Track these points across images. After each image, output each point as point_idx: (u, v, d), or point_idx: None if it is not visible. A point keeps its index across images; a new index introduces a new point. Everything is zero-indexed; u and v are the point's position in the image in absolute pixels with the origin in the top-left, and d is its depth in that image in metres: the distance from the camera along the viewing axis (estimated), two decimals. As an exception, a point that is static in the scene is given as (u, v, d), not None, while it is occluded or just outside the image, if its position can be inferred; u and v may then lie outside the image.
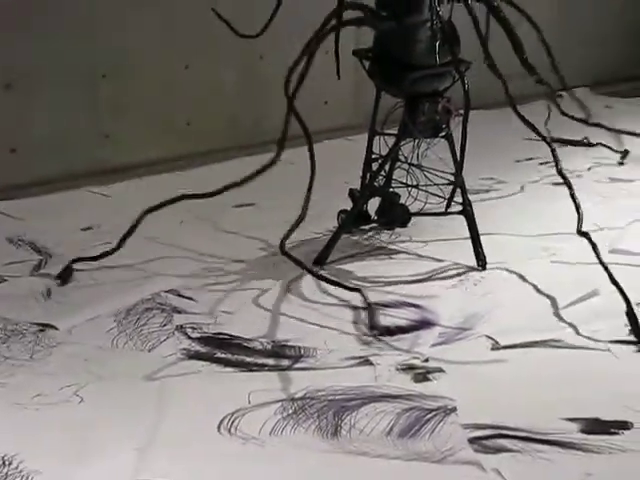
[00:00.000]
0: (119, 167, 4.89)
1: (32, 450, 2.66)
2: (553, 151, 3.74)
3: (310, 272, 3.73)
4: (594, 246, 3.58)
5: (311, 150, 3.71)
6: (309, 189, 3.71)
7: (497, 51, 3.72)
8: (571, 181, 3.72)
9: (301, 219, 3.72)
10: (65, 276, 3.81)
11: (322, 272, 3.91)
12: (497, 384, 3.10)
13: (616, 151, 5.24)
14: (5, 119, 4.90)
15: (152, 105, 5.45)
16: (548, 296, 3.73)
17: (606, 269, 3.53)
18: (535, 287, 3.82)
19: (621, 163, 5.28)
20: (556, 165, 3.73)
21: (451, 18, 4.00)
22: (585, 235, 3.61)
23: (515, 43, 3.73)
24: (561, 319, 3.54)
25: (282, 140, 3.68)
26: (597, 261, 3.54)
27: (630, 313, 3.42)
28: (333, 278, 3.72)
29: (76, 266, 3.91)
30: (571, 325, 3.48)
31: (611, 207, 4.68)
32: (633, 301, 3.46)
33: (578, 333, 3.42)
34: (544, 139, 3.77)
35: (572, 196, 3.66)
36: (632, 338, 3.37)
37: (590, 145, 4.77)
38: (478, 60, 3.80)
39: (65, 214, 4.05)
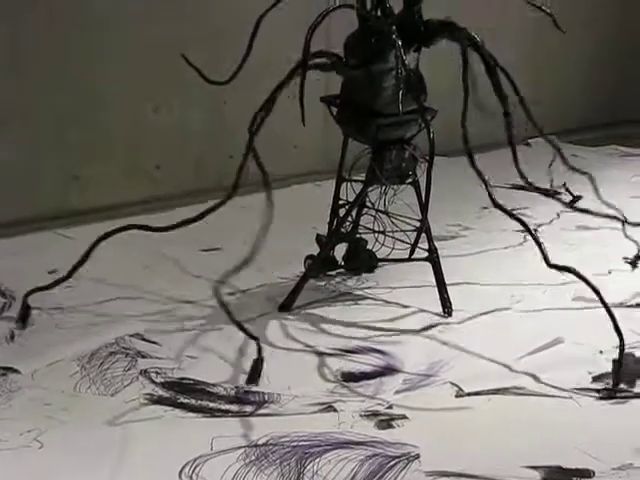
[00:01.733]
0: (87, 210, 4.88)
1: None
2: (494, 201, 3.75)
3: (227, 311, 3.58)
4: (573, 271, 3.61)
5: (268, 191, 3.59)
6: (262, 231, 3.58)
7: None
8: (538, 229, 3.75)
9: (246, 262, 3.62)
10: (24, 316, 3.79)
11: (289, 318, 3.92)
12: (461, 431, 3.11)
13: (573, 196, 5.25)
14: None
15: (121, 148, 5.47)
16: (513, 343, 3.74)
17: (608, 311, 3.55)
18: (500, 335, 3.84)
19: (572, 205, 5.26)
20: (492, 200, 3.71)
21: (418, 67, 4.04)
22: (555, 267, 3.62)
23: (498, 89, 3.75)
24: (525, 367, 3.55)
25: (238, 178, 3.65)
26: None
27: (618, 361, 3.45)
28: (237, 320, 3.57)
29: (40, 311, 3.90)
30: (534, 373, 3.49)
31: (574, 256, 4.70)
32: (592, 349, 3.50)
33: (541, 381, 3.43)
34: (487, 187, 3.77)
35: (533, 237, 3.65)
36: (594, 386, 3.39)
37: (554, 193, 4.78)
38: (443, 109, 3.84)
39: (31, 256, 4.03)
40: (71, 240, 4.00)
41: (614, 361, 3.52)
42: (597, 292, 3.55)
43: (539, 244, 3.62)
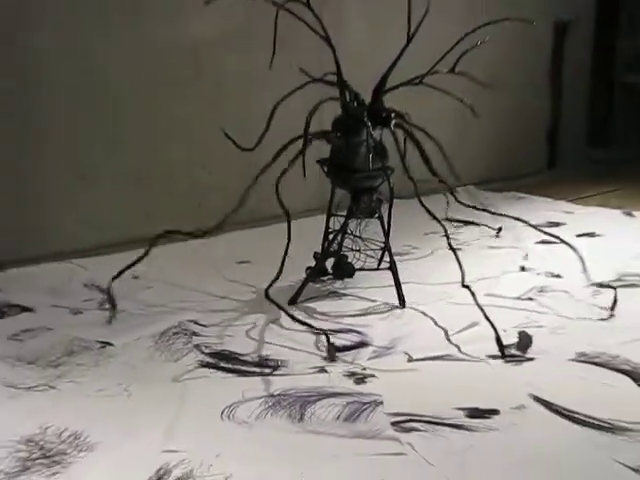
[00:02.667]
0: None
1: (95, 428, 2.68)
2: (446, 231, 3.81)
3: (287, 313, 3.71)
4: (473, 294, 3.60)
5: (289, 225, 3.74)
6: (285, 252, 3.73)
7: (412, 160, 3.81)
8: (462, 247, 3.78)
9: (278, 276, 3.72)
10: (112, 301, 3.80)
11: (295, 310, 3.91)
12: (411, 385, 3.12)
13: (493, 228, 5.29)
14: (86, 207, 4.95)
15: (182, 195, 5.50)
16: (445, 325, 3.74)
17: (480, 309, 3.56)
18: (436, 319, 3.83)
19: (497, 236, 5.34)
20: (447, 238, 3.80)
21: (381, 139, 4.07)
22: (467, 287, 3.63)
23: (424, 156, 3.81)
24: (453, 341, 3.56)
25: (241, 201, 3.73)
26: (475, 303, 3.58)
27: (497, 338, 3.45)
28: (303, 320, 3.68)
29: (129, 303, 3.93)
30: (459, 345, 3.50)
31: (487, 265, 4.73)
32: (499, 329, 3.50)
33: (462, 351, 3.44)
34: (438, 221, 3.82)
35: (457, 260, 3.70)
36: (499, 354, 3.40)
37: (475, 224, 4.80)
38: (399, 167, 3.88)
39: (119, 266, 4.04)
40: (149, 256, 4.00)
41: (520, 334, 3.59)
42: (473, 295, 3.61)
43: (461, 267, 3.68)
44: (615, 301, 3.99)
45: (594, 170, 9.95)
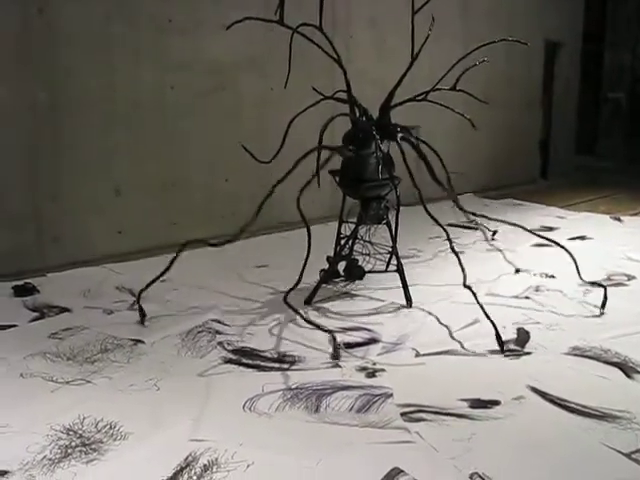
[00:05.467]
0: (182, 242, 4.93)
1: (128, 419, 2.68)
2: (448, 235, 3.77)
3: (301, 316, 3.67)
4: (474, 294, 3.59)
5: (308, 234, 3.69)
6: (305, 261, 3.69)
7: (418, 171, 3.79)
8: (462, 250, 3.76)
9: (298, 283, 3.70)
10: (140, 306, 3.79)
11: (310, 309, 3.92)
12: (418, 378, 3.10)
13: (490, 230, 5.28)
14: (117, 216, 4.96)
15: (202, 204, 5.50)
16: (449, 323, 3.74)
17: (481, 307, 3.55)
18: (441, 317, 3.83)
19: (493, 238, 5.33)
20: (450, 242, 3.76)
21: (389, 151, 4.07)
22: (468, 287, 3.61)
23: (429, 167, 3.79)
24: (457, 337, 3.55)
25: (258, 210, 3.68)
26: (476, 302, 3.57)
27: (497, 334, 3.44)
28: (314, 321, 3.65)
29: (158, 305, 3.93)
30: (462, 341, 3.49)
31: (487, 267, 4.71)
32: (499, 325, 3.50)
33: (465, 347, 3.43)
34: (441, 226, 3.80)
35: (459, 263, 3.67)
36: (499, 349, 3.39)
37: (474, 228, 4.78)
38: (405, 177, 3.87)
39: (153, 273, 4.02)
40: (177, 263, 4.01)
41: (518, 330, 3.58)
42: (474, 295, 3.58)
43: (463, 269, 3.65)
44: (605, 299, 3.97)
45: (583, 178, 9.95)
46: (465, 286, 3.62)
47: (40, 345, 3.38)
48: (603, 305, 3.95)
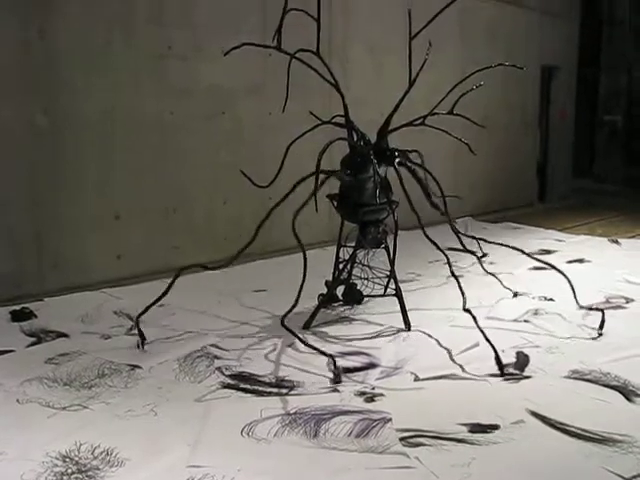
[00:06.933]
0: (183, 265, 4.92)
1: (125, 445, 2.66)
2: (448, 260, 3.76)
3: (299, 339, 3.65)
4: (474, 317, 3.58)
5: (304, 258, 3.64)
6: (302, 285, 3.63)
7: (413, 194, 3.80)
8: (461, 274, 3.75)
9: (294, 306, 3.64)
10: (139, 330, 3.76)
11: (309, 334, 3.91)
12: (417, 403, 3.08)
13: (481, 252, 5.24)
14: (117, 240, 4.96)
15: (202, 226, 5.50)
16: (448, 347, 3.73)
17: (481, 331, 3.54)
18: (440, 341, 3.82)
19: (481, 257, 5.20)
20: (449, 266, 3.75)
21: (386, 175, 4.07)
22: (468, 311, 3.61)
23: (425, 192, 3.80)
24: (455, 361, 3.53)
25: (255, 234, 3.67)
26: (476, 326, 3.55)
27: (497, 357, 3.43)
28: (312, 344, 3.61)
29: (156, 329, 3.91)
30: (462, 365, 3.48)
31: (486, 291, 4.70)
32: (499, 349, 3.48)
33: (466, 370, 3.42)
34: (441, 250, 3.78)
35: (459, 287, 3.66)
36: (499, 372, 3.38)
37: (471, 252, 4.73)
38: (402, 201, 3.87)
39: (150, 297, 4.01)
40: (175, 287, 4.00)
41: (518, 354, 3.57)
42: (474, 319, 3.56)
43: (462, 293, 3.64)
44: (603, 321, 3.97)
45: (581, 201, 9.99)
46: (465, 310, 3.60)
47: (37, 370, 3.36)
48: (601, 326, 3.94)
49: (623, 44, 12.13)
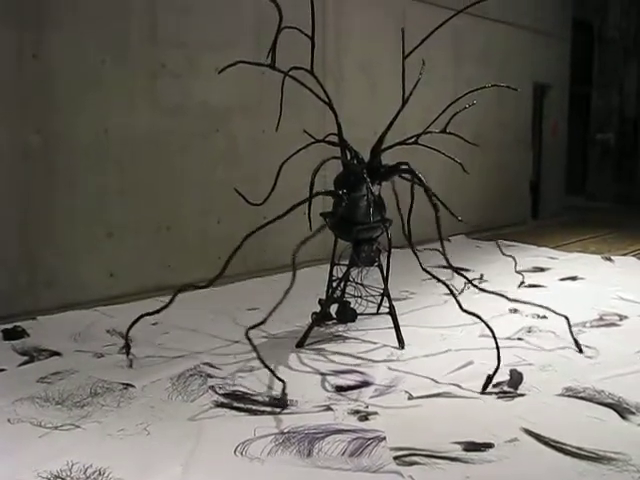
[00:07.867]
0: (178, 284, 4.90)
1: (117, 465, 2.64)
2: (451, 290, 3.72)
3: (258, 355, 3.37)
4: (493, 334, 3.57)
5: (293, 277, 3.48)
6: (280, 301, 3.36)
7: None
8: (455, 291, 3.73)
9: (263, 322, 3.43)
10: (128, 346, 3.76)
11: (301, 352, 3.89)
12: (412, 422, 3.07)
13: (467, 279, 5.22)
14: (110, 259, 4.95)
15: (196, 245, 5.49)
16: (442, 364, 3.72)
17: (497, 348, 3.50)
18: (434, 359, 3.82)
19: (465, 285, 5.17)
20: (447, 287, 3.75)
21: (380, 193, 4.08)
22: (467, 312, 3.57)
23: (428, 194, 3.77)
24: (450, 379, 3.53)
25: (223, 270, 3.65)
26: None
27: (490, 375, 3.41)
28: (269, 366, 3.40)
29: (148, 348, 3.89)
30: (456, 383, 3.47)
31: (480, 309, 4.69)
32: (492, 367, 3.46)
33: (461, 388, 3.41)
34: (429, 273, 3.77)
35: (451, 292, 3.64)
36: (494, 390, 3.37)
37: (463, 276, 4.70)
38: (396, 219, 3.87)
39: (140, 314, 4.02)
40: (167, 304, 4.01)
41: (511, 372, 3.56)
42: (491, 330, 3.55)
43: (455, 296, 3.63)
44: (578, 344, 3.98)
45: (574, 219, 10.03)
46: (462, 310, 3.58)
47: (29, 389, 3.34)
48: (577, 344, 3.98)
49: (615, 62, 12.23)
